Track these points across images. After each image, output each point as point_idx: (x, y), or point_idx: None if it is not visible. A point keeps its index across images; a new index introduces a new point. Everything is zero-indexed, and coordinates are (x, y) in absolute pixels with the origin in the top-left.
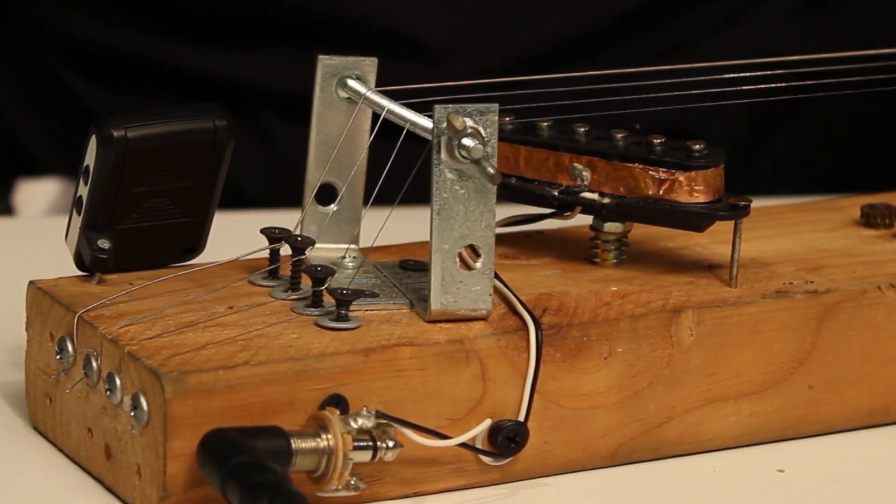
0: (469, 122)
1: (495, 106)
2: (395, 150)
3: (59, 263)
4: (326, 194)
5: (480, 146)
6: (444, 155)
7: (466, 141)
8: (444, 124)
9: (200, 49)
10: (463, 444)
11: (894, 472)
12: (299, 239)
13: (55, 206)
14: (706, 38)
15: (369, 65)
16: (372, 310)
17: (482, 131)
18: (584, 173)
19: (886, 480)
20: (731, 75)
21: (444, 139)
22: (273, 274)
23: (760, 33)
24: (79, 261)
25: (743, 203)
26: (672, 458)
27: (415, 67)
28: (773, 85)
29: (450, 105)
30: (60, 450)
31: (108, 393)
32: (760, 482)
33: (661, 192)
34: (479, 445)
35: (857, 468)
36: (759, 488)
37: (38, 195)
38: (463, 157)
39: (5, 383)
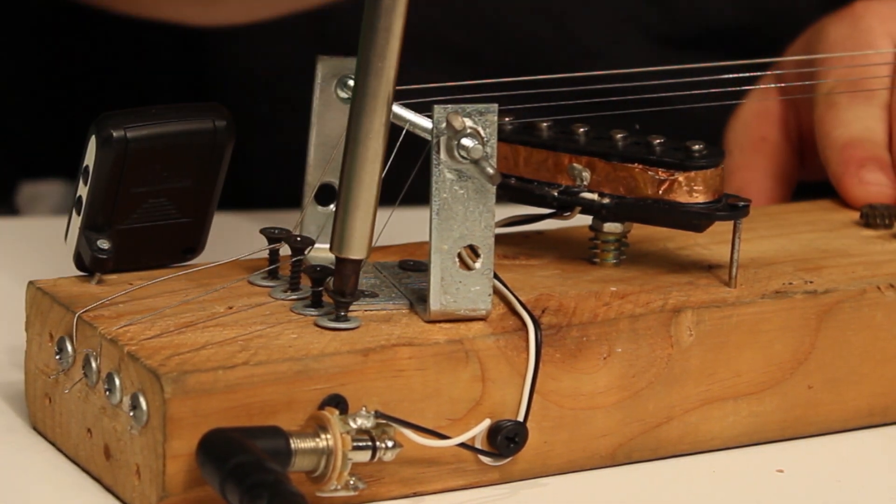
0: (468, 123)
1: (494, 106)
2: (395, 150)
3: (59, 264)
4: (326, 194)
5: (479, 146)
6: (443, 155)
7: (465, 141)
8: (444, 124)
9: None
10: (462, 445)
11: (894, 472)
12: (298, 239)
13: (58, 209)
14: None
15: None
16: (371, 310)
17: (481, 131)
18: (583, 173)
19: (886, 480)
20: (732, 75)
21: (443, 139)
22: (273, 274)
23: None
24: (78, 261)
25: (742, 203)
26: (671, 459)
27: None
28: (773, 85)
29: (449, 105)
30: (60, 450)
31: (107, 393)
32: (760, 482)
33: (660, 192)
34: (478, 445)
35: (857, 468)
36: (758, 488)
37: (41, 198)
38: (462, 157)
39: (5, 383)
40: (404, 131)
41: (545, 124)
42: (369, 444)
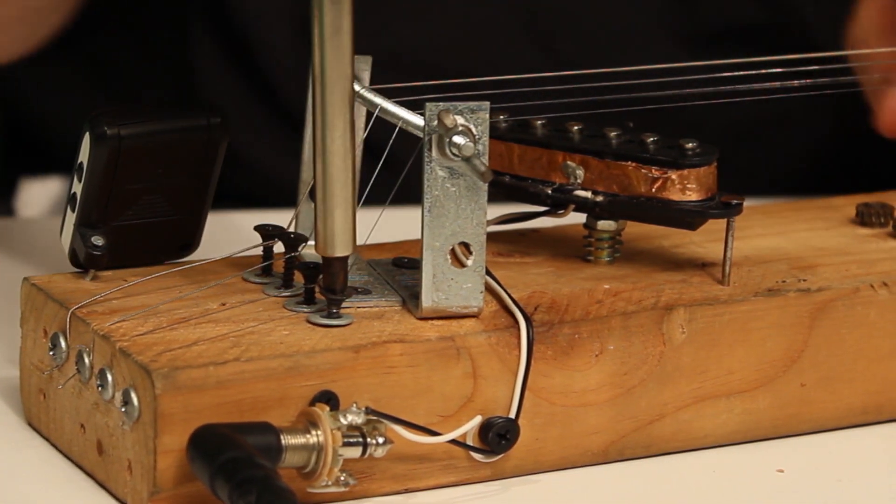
0: (460, 120)
1: (486, 104)
2: (388, 148)
3: (56, 261)
4: None
5: (471, 143)
6: (435, 152)
7: (457, 138)
8: (435, 122)
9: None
10: (453, 441)
11: (894, 471)
12: (292, 236)
13: (59, 205)
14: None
15: (363, 63)
16: (364, 307)
17: (473, 129)
18: (577, 171)
19: (887, 480)
20: (730, 74)
21: (435, 137)
22: (266, 271)
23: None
24: (73, 257)
25: (735, 201)
26: (664, 456)
27: None
28: (769, 84)
29: (441, 103)
30: (54, 445)
31: (99, 389)
32: (756, 481)
33: (653, 190)
34: (469, 442)
35: (857, 467)
36: (754, 487)
37: (42, 194)
38: (454, 154)
39: (1, 379)
40: (397, 129)
41: (539, 122)
42: (360, 440)
